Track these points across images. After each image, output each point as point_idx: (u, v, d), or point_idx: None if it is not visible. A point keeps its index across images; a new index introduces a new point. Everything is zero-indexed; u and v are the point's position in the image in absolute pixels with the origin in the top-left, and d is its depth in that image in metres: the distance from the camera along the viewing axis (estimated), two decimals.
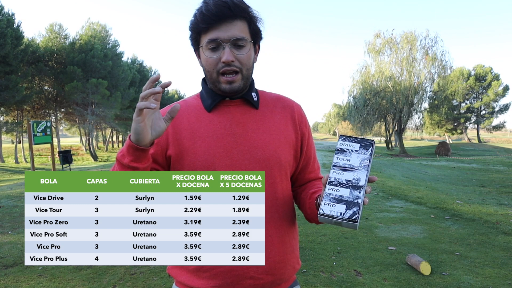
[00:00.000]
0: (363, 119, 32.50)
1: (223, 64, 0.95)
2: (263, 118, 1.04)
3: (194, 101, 1.07)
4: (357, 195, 0.83)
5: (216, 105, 1.03)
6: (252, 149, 0.99)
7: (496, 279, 3.10)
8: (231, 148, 0.98)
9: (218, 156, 0.97)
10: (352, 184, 0.84)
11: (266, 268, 0.98)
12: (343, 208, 0.82)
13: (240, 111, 1.03)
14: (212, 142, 0.98)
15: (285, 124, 1.06)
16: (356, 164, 0.86)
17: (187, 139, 0.99)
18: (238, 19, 0.95)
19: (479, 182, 11.27)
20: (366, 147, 0.87)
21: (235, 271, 0.95)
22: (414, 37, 30.09)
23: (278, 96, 1.12)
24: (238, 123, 1.01)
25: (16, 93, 24.23)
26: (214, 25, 0.93)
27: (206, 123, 1.01)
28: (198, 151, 0.98)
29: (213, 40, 0.94)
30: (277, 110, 1.07)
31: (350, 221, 0.81)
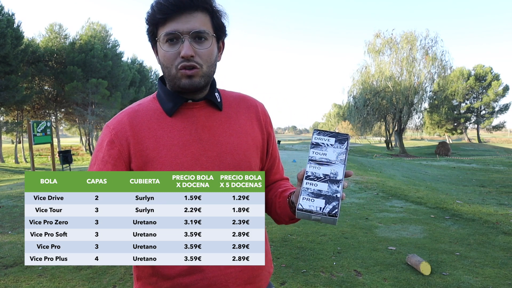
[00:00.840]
0: (363, 119, 32.51)
1: (182, 59, 0.87)
2: (228, 120, 0.98)
3: (151, 104, 0.96)
4: (335, 189, 0.81)
5: (178, 108, 0.94)
6: (221, 155, 0.94)
7: (496, 279, 3.10)
8: (200, 155, 0.92)
9: (186, 165, 0.90)
10: (330, 178, 0.82)
11: (244, 278, 0.95)
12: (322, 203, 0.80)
13: (204, 114, 0.96)
14: (179, 150, 0.91)
15: (251, 126, 1.01)
16: (333, 158, 0.84)
17: (151, 149, 0.91)
18: (199, 11, 0.87)
19: (479, 182, 11.27)
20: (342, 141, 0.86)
21: (214, 285, 0.92)
22: (414, 37, 30.11)
23: (241, 95, 1.06)
24: (204, 128, 0.94)
25: (16, 93, 24.23)
26: (172, 16, 0.86)
27: (170, 129, 0.92)
28: (164, 161, 0.90)
29: (171, 32, 0.86)
30: (241, 110, 1.02)
31: (330, 215, 0.79)
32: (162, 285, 0.93)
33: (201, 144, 0.93)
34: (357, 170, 11.69)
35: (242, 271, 0.95)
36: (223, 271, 0.92)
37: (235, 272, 0.94)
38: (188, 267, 0.91)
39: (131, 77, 35.83)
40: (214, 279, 0.92)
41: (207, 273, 0.91)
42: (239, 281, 0.94)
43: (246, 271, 0.95)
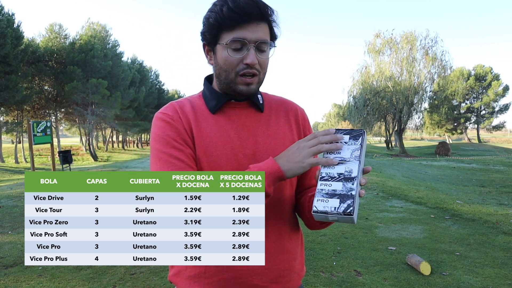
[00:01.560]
0: (363, 119, 32.51)
1: (245, 66, 0.91)
2: (268, 122, 1.02)
3: (197, 101, 1.02)
4: (350, 187, 0.80)
5: (221, 107, 0.99)
6: (257, 153, 0.96)
7: (496, 279, 3.10)
8: (238, 151, 0.95)
9: (225, 158, 0.94)
10: (344, 176, 0.81)
11: (271, 276, 0.95)
12: (337, 202, 0.79)
13: (246, 114, 1.00)
14: (220, 144, 0.95)
15: (290, 128, 1.04)
16: (347, 156, 0.83)
17: (196, 137, 0.95)
18: (264, 21, 0.91)
19: (479, 182, 11.27)
20: (356, 137, 0.85)
21: (239, 278, 0.93)
22: (414, 37, 30.12)
23: (282, 99, 1.10)
24: (243, 126, 0.98)
25: (16, 93, 24.23)
26: (242, 23, 0.88)
27: (212, 124, 0.97)
28: (206, 152, 0.94)
29: (239, 40, 0.89)
30: (281, 113, 1.05)
31: (345, 214, 0.77)
32: (191, 271, 0.96)
33: (240, 142, 0.96)
34: None
35: (269, 268, 0.95)
36: (249, 266, 0.93)
37: (261, 269, 0.94)
38: None
39: (131, 77, 35.84)
40: (240, 272, 0.93)
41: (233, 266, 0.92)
42: (264, 278, 0.95)
43: (273, 269, 0.96)
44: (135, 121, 39.64)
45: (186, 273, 0.97)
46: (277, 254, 0.97)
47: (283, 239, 0.99)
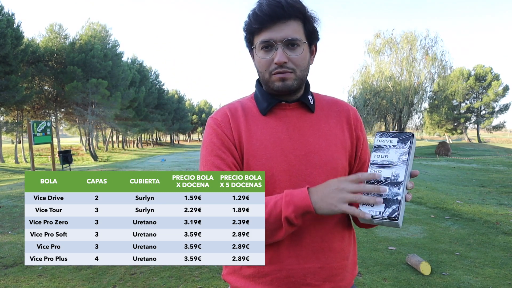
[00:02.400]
0: (363, 119, 32.50)
1: (276, 66, 0.93)
2: (318, 122, 1.02)
3: (249, 103, 1.04)
4: (396, 192, 0.79)
5: (272, 108, 1.00)
6: (309, 154, 0.97)
7: (496, 279, 3.10)
8: (288, 152, 0.96)
9: (275, 160, 0.95)
10: (391, 181, 0.81)
11: (324, 275, 0.95)
12: (382, 207, 0.79)
13: (296, 115, 1.01)
14: (270, 146, 0.96)
15: (341, 129, 1.04)
16: (394, 160, 0.82)
17: (246, 142, 0.97)
18: (292, 19, 0.92)
19: (479, 182, 11.27)
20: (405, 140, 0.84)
21: (292, 277, 0.93)
22: (414, 37, 30.09)
23: (334, 99, 1.10)
24: (294, 128, 0.99)
25: (16, 93, 24.23)
26: (267, 25, 0.91)
27: (263, 126, 0.98)
28: (256, 154, 0.95)
29: (265, 41, 0.92)
30: (332, 114, 1.05)
31: (390, 219, 0.77)
32: (246, 271, 0.97)
33: (291, 143, 0.97)
34: None
35: (322, 267, 0.95)
36: (302, 265, 0.94)
37: (314, 268, 0.95)
38: (270, 256, 0.93)
39: (131, 77, 35.83)
40: (293, 271, 0.94)
41: (286, 265, 0.94)
42: (317, 277, 0.95)
43: (326, 269, 0.96)
44: (135, 121, 39.63)
45: (241, 273, 0.98)
46: (330, 253, 0.97)
47: (335, 238, 0.99)
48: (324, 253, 0.96)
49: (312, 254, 0.95)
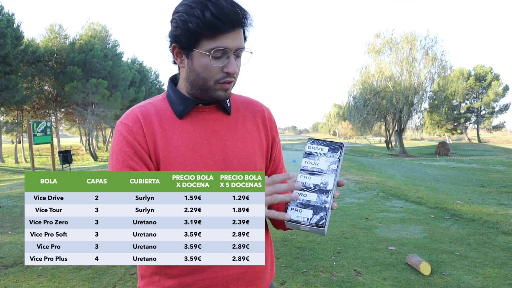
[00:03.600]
0: (363, 119, 32.53)
1: (225, 75, 0.89)
2: (235, 125, 1.00)
3: (162, 105, 0.96)
4: (324, 200, 0.81)
5: (188, 111, 0.95)
6: (227, 159, 0.95)
7: (496, 279, 3.10)
8: (207, 158, 0.94)
9: (194, 167, 0.92)
10: (320, 188, 0.82)
11: (246, 280, 0.95)
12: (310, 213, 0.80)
13: (213, 118, 0.97)
14: (188, 152, 0.92)
15: (257, 131, 1.02)
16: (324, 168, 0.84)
17: (162, 149, 0.92)
18: (241, 27, 0.88)
19: (479, 182, 11.27)
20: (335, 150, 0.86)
21: (215, 285, 0.93)
22: (414, 37, 30.13)
23: (248, 99, 1.07)
24: (212, 132, 0.96)
25: (16, 93, 24.23)
26: (225, 32, 0.85)
27: (180, 131, 0.93)
28: (173, 162, 0.91)
29: (222, 49, 0.86)
30: (248, 115, 1.03)
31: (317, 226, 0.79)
32: (165, 283, 0.94)
33: (209, 147, 0.94)
34: (357, 170, 11.69)
35: (244, 273, 0.95)
36: (225, 272, 0.93)
37: (237, 274, 0.94)
38: (191, 267, 0.91)
39: (131, 77, 35.82)
40: (216, 280, 0.93)
41: (208, 273, 0.92)
42: (240, 282, 0.94)
43: (248, 273, 0.95)
44: None
45: (160, 285, 0.94)
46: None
47: None
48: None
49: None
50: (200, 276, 0.92)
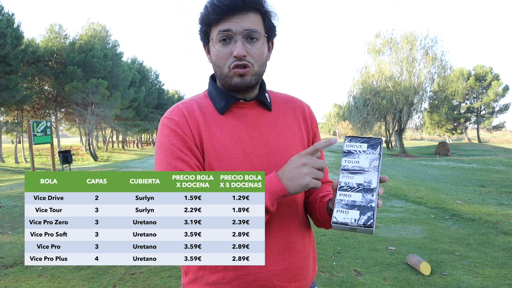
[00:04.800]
0: (363, 119, 32.51)
1: (235, 59, 0.89)
2: (277, 120, 1.00)
3: (204, 101, 0.99)
4: (370, 199, 0.79)
5: (229, 107, 0.97)
6: (270, 153, 0.95)
7: (496, 279, 3.10)
8: (250, 152, 0.94)
9: (237, 161, 0.92)
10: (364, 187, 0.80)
11: (289, 275, 0.95)
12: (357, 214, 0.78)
13: (254, 113, 0.98)
14: (231, 146, 0.93)
15: (298, 126, 1.03)
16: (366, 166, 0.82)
17: (206, 143, 0.93)
18: (252, 11, 0.89)
19: (479, 182, 11.27)
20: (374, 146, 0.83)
21: (259, 281, 0.92)
22: (414, 37, 30.11)
23: (288, 96, 1.09)
24: (254, 127, 0.97)
25: (16, 93, 24.22)
26: (226, 16, 0.87)
27: (222, 126, 0.95)
28: (218, 156, 0.92)
29: (224, 31, 0.88)
30: (289, 111, 1.04)
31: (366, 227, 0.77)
32: (209, 278, 0.94)
33: (251, 142, 0.95)
34: None
35: (287, 268, 0.95)
36: (268, 268, 0.93)
37: (280, 269, 0.94)
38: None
39: (131, 77, 35.81)
40: (259, 275, 0.93)
41: (251, 269, 0.92)
42: (283, 278, 0.94)
43: (292, 269, 0.95)
44: (135, 121, 39.62)
45: (204, 280, 0.95)
46: (294, 253, 0.97)
47: (298, 237, 0.98)
48: (289, 253, 0.95)
49: (278, 255, 0.94)
50: (243, 272, 0.92)
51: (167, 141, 0.91)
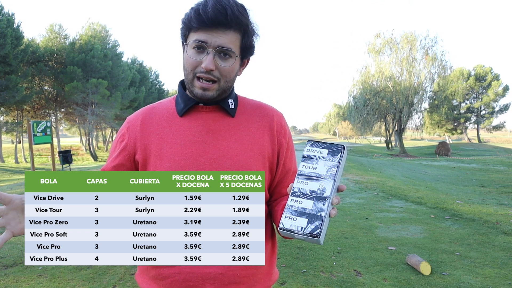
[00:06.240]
0: (363, 119, 32.51)
1: (202, 69, 0.91)
2: (237, 126, 1.00)
3: (168, 104, 1.03)
4: (320, 208, 0.76)
5: (189, 110, 0.99)
6: (220, 158, 0.95)
7: (496, 279, 3.10)
8: (198, 155, 0.94)
9: (183, 163, 0.94)
10: (317, 195, 0.77)
11: (224, 281, 0.93)
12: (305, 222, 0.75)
13: (213, 117, 0.99)
14: (179, 148, 0.95)
15: (261, 134, 1.01)
16: (322, 173, 0.78)
17: (155, 144, 0.97)
18: (232, 30, 0.90)
19: (479, 182, 11.27)
20: (335, 153, 0.80)
21: (190, 281, 0.92)
22: (414, 37, 30.11)
23: (259, 104, 1.07)
24: (209, 130, 0.97)
25: (16, 93, 24.23)
26: (205, 28, 0.89)
27: (176, 128, 0.98)
28: (163, 157, 0.95)
29: (200, 41, 0.90)
30: (254, 118, 1.03)
31: (312, 236, 0.73)
32: (150, 272, 0.99)
33: (202, 146, 0.96)
34: (357, 170, 11.69)
35: (222, 273, 0.93)
36: (202, 269, 0.92)
37: (214, 273, 0.92)
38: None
39: (131, 77, 35.82)
40: (191, 275, 0.92)
41: (185, 268, 0.93)
42: (217, 283, 0.93)
43: (228, 275, 0.93)
44: None
45: (147, 274, 0.99)
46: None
47: None
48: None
49: None
50: (177, 270, 0.93)
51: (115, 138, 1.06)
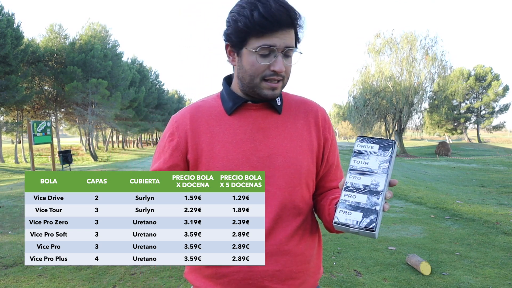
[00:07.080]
0: (363, 119, 32.49)
1: (272, 72, 0.91)
2: (285, 123, 1.00)
3: (214, 102, 1.02)
4: (375, 202, 0.77)
5: (237, 108, 0.99)
6: (272, 156, 0.95)
7: (496, 279, 3.10)
8: (250, 154, 0.94)
9: (236, 162, 0.93)
10: (370, 189, 0.78)
11: (281, 278, 0.95)
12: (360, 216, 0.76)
13: (262, 115, 0.99)
14: (231, 147, 0.95)
15: (308, 130, 1.02)
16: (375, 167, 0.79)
17: (206, 143, 0.96)
18: (292, 27, 0.90)
19: (479, 182, 11.27)
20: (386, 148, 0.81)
21: (249, 279, 0.93)
22: (414, 37, 30.10)
23: (302, 99, 1.08)
24: (258, 128, 0.97)
25: (16, 93, 24.22)
26: (272, 31, 0.87)
27: (226, 127, 0.97)
28: (216, 156, 0.94)
29: (268, 46, 0.88)
30: (300, 115, 1.03)
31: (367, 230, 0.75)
32: (205, 271, 0.98)
33: (253, 144, 0.96)
34: None
35: (280, 271, 0.95)
36: (260, 268, 0.93)
37: (272, 271, 0.94)
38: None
39: (131, 77, 35.81)
40: (250, 274, 0.93)
41: (244, 267, 0.92)
42: (275, 279, 0.94)
43: (285, 272, 0.95)
44: (135, 121, 39.62)
45: (201, 272, 0.99)
46: (289, 257, 0.96)
47: (293, 242, 0.97)
48: (283, 256, 0.95)
49: (271, 257, 0.93)
50: (235, 268, 0.93)
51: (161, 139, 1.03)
